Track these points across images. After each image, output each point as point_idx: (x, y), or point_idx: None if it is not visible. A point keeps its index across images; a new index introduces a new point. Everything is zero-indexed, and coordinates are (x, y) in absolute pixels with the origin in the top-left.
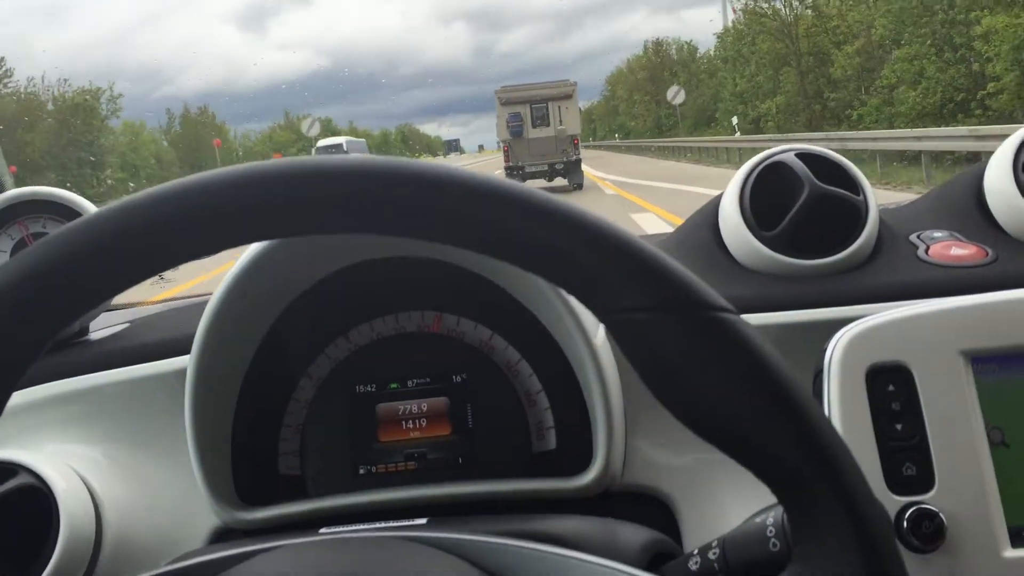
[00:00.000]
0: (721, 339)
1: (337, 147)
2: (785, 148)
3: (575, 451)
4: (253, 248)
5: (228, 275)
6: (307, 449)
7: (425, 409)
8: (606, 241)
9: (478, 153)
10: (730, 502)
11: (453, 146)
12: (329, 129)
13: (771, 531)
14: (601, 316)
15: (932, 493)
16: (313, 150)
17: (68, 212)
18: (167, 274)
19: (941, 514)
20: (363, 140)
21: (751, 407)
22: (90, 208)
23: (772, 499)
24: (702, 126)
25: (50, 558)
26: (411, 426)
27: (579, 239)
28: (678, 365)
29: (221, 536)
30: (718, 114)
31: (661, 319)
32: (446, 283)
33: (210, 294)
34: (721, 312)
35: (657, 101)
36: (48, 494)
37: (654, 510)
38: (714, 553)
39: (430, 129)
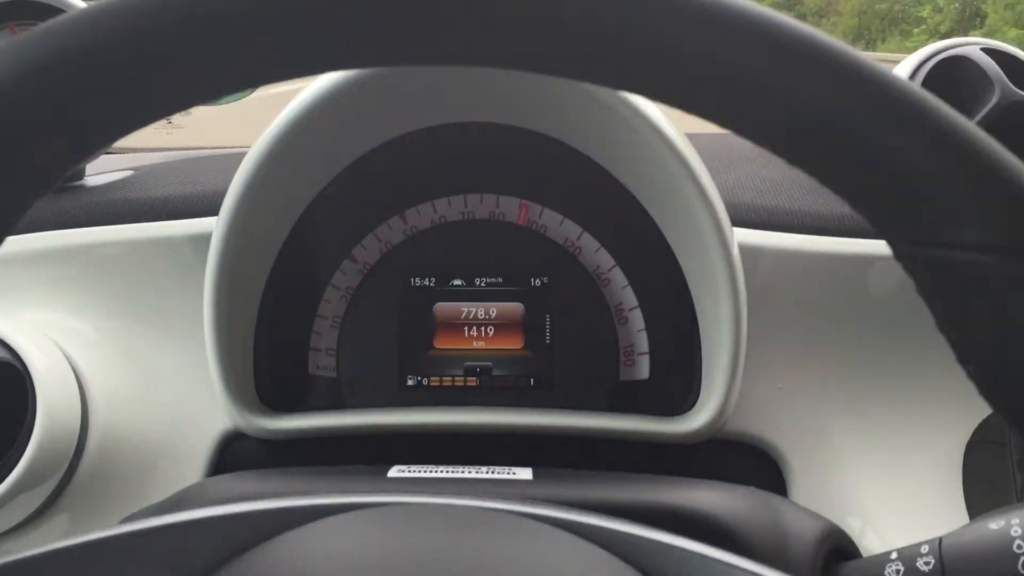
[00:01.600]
0: None
1: None
2: (967, 41)
3: (670, 385)
4: (309, 95)
5: (276, 125)
6: (345, 348)
7: (494, 315)
8: (967, 145)
9: None
10: (856, 467)
11: None
12: None
13: (1021, 545)
14: (911, 246)
15: None
16: None
17: None
18: (176, 118)
19: None
20: None
21: None
22: None
23: (928, 472)
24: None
25: (23, 450)
26: (475, 334)
27: (923, 133)
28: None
29: (231, 442)
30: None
31: (1016, 269)
32: (533, 160)
33: (231, 148)
34: None
35: None
36: (23, 372)
37: (758, 465)
38: (926, 563)
39: None
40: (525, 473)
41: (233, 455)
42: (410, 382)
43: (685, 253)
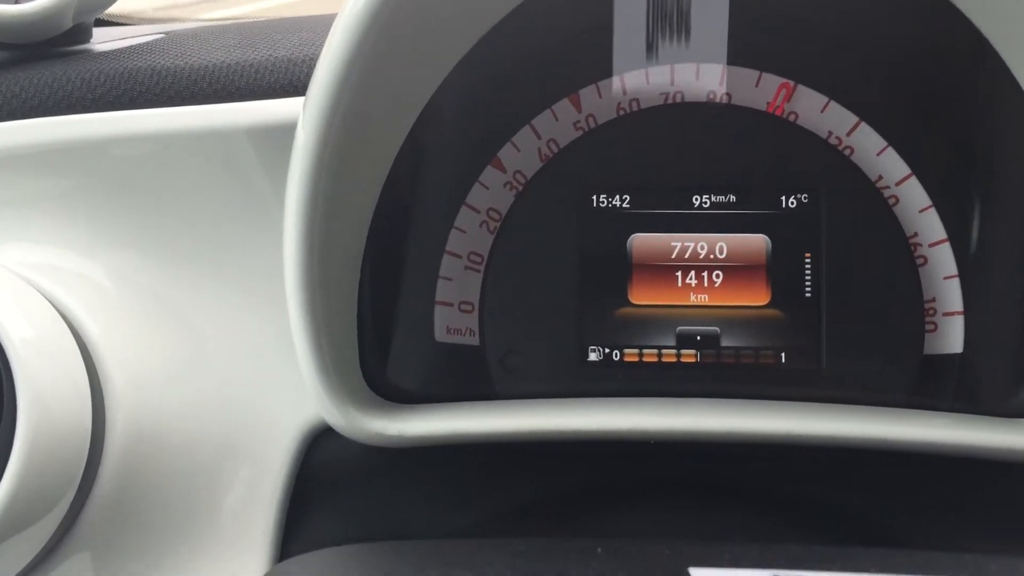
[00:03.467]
0: None
1: None
2: None
3: (992, 363)
4: None
5: None
6: (493, 303)
7: (723, 253)
8: None
9: None
10: None
11: None
12: None
13: None
14: None
15: None
16: None
17: None
18: None
19: None
20: None
21: None
22: None
23: None
24: None
25: (2, 468)
26: (693, 283)
27: None
28: None
29: (321, 439)
30: None
31: None
32: (785, 13)
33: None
34: None
35: None
36: None
37: None
38: None
39: None
40: None
41: (326, 459)
42: (593, 356)
43: None
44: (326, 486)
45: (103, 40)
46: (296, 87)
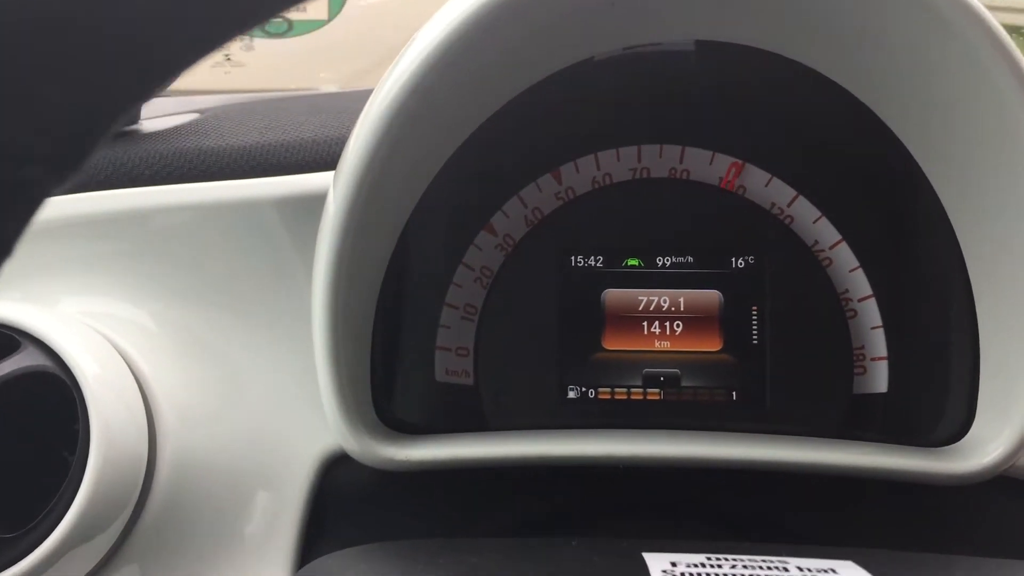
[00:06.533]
0: None
1: None
2: None
3: (918, 402)
4: (463, 12)
5: (418, 56)
6: (485, 348)
7: (682, 306)
8: None
9: None
10: None
11: None
12: None
13: None
14: None
15: None
16: None
17: None
18: (237, 54)
19: None
20: None
21: None
22: None
23: None
24: None
25: (75, 491)
26: (657, 331)
27: None
28: None
29: (335, 465)
30: None
31: None
32: (731, 92)
33: (311, 89)
34: None
35: None
36: (69, 383)
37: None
38: None
39: None
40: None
41: (339, 483)
42: (572, 394)
43: (981, 223)
44: (338, 508)
45: (147, 116)
46: (319, 163)
